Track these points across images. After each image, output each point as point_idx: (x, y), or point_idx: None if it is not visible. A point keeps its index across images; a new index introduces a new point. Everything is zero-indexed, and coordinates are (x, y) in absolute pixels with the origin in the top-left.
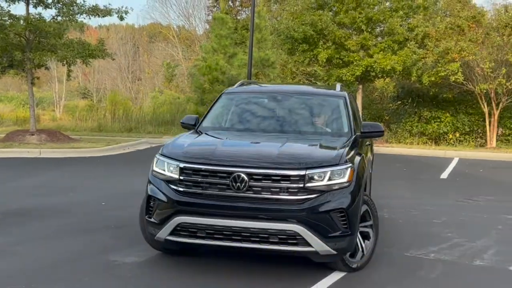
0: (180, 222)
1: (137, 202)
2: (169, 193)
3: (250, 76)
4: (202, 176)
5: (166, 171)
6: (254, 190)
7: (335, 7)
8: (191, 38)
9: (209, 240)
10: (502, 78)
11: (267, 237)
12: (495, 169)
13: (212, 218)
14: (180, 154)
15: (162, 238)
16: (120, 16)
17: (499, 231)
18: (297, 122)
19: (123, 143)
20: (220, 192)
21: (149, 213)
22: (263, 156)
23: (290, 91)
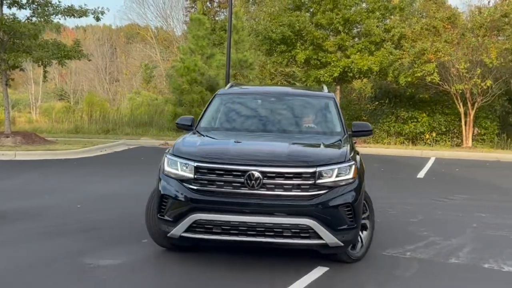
0: (196, 219)
1: (113, 204)
2: (183, 191)
3: (228, 77)
4: (217, 175)
5: (179, 170)
6: (267, 187)
7: (312, 8)
8: (169, 39)
9: (225, 235)
10: (477, 79)
11: (281, 231)
12: (471, 168)
13: (228, 215)
14: (193, 154)
15: (177, 235)
16: (96, 16)
17: (474, 230)
18: (294, 122)
19: (100, 145)
20: (235, 190)
21: (161, 211)
22: (275, 155)
23: (282, 92)
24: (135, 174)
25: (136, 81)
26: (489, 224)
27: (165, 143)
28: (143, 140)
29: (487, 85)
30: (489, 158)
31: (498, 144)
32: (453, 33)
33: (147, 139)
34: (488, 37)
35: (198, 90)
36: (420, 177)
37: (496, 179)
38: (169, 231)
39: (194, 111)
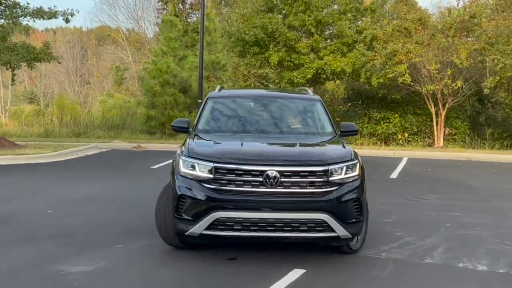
0: (218, 217)
1: (85, 208)
2: (203, 191)
3: (201, 79)
4: (236, 175)
5: (197, 171)
6: (284, 185)
7: (285, 10)
8: (140, 41)
9: (245, 232)
10: (448, 79)
11: (297, 226)
12: (443, 168)
13: (248, 212)
14: (211, 155)
15: (197, 233)
16: (65, 18)
17: (448, 229)
18: (289, 123)
19: (72, 149)
20: (254, 189)
21: (178, 211)
22: (290, 155)
23: (273, 95)
24: (107, 178)
25: (107, 83)
26: (462, 223)
27: (138, 146)
28: (116, 143)
29: (457, 85)
30: (460, 158)
31: (469, 144)
32: (424, 34)
33: (120, 142)
34: (457, 38)
35: (171, 92)
36: (394, 178)
37: (468, 179)
38: (187, 229)
39: (167, 114)
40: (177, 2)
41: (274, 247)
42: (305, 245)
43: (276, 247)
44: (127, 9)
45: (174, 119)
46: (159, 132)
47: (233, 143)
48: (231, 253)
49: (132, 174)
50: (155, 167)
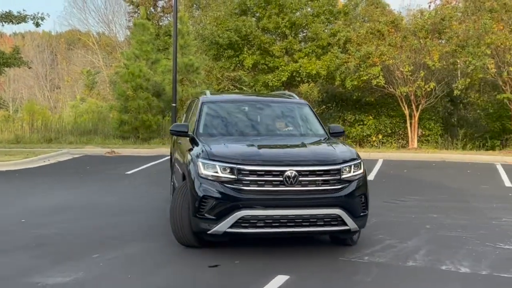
0: (242, 216)
1: (60, 217)
2: (226, 191)
3: (175, 82)
4: (257, 175)
5: (219, 173)
6: (302, 184)
7: (258, 12)
8: (112, 45)
9: (267, 228)
10: (421, 81)
11: (315, 221)
12: (418, 169)
13: (270, 210)
14: (232, 157)
15: (221, 231)
16: (36, 22)
17: (428, 231)
18: (294, 125)
19: (43, 155)
20: (275, 188)
21: (200, 211)
22: (305, 156)
23: (265, 100)
24: (81, 185)
25: (78, 88)
26: (442, 224)
27: (112, 151)
28: (88, 148)
29: (430, 87)
30: (434, 159)
31: (442, 145)
32: (397, 36)
33: (92, 147)
34: (429, 40)
35: (144, 96)
36: (370, 179)
37: (444, 179)
38: (210, 228)
39: (140, 118)
40: (148, 5)
41: (256, 253)
42: (289, 251)
43: (258, 254)
44: (98, 12)
45: (147, 123)
46: (132, 136)
47: (248, 146)
48: (215, 259)
49: (106, 180)
50: (129, 172)
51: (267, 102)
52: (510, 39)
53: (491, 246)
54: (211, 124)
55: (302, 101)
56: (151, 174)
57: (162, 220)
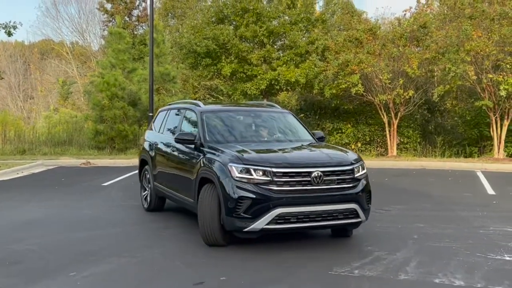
0: (279, 213)
1: (34, 232)
2: (262, 192)
3: (152, 91)
4: (289, 176)
5: (254, 175)
6: (325, 182)
7: (235, 21)
8: (86, 54)
9: (299, 223)
10: (400, 89)
11: (336, 215)
12: (399, 177)
13: (302, 207)
14: (267, 161)
15: (258, 228)
16: (8, 31)
17: (416, 241)
18: (285, 132)
19: (16, 167)
20: (304, 187)
21: (236, 211)
22: (324, 158)
23: (256, 110)
24: (56, 197)
25: (52, 98)
26: (429, 234)
27: (87, 162)
28: (63, 159)
29: (409, 95)
30: (414, 166)
31: (421, 152)
32: (375, 44)
33: (67, 158)
34: (408, 47)
35: (120, 106)
36: None
37: (425, 187)
38: (247, 226)
39: (116, 128)
40: (123, 14)
41: (244, 269)
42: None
43: (245, 269)
44: (71, 21)
45: (124, 133)
46: (108, 147)
47: (270, 151)
48: (199, 276)
49: (82, 192)
50: (105, 184)
51: (258, 111)
52: (489, 46)
53: (482, 257)
54: (216, 132)
55: (286, 110)
56: (128, 185)
57: (140, 233)
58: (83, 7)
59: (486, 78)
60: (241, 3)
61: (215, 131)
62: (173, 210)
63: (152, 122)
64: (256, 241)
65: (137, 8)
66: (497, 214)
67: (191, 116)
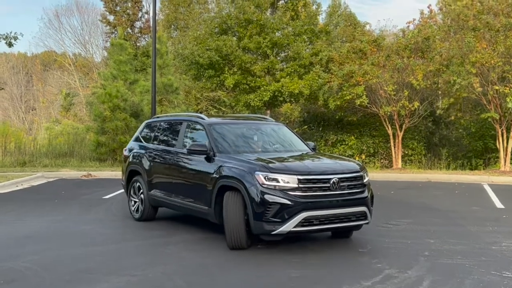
0: (305, 216)
1: (32, 247)
2: (290, 197)
3: (154, 102)
4: (312, 183)
5: (281, 182)
6: (341, 188)
7: (239, 32)
8: (88, 66)
9: (321, 225)
10: (405, 101)
11: (350, 217)
12: (405, 190)
13: (324, 210)
14: (293, 170)
15: (286, 231)
16: (8, 42)
17: (428, 258)
18: (283, 143)
19: (16, 179)
20: (324, 192)
21: (265, 215)
22: (338, 166)
23: (256, 123)
24: (55, 211)
25: (54, 109)
26: (440, 251)
27: (88, 174)
28: (64, 171)
29: (414, 106)
30: (420, 179)
31: (426, 164)
32: (379, 55)
33: (68, 170)
34: (413, 59)
35: (122, 117)
36: None
37: (432, 201)
38: (275, 229)
39: (118, 139)
40: (125, 26)
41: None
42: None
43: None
44: (74, 33)
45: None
46: (110, 159)
47: (291, 160)
48: None
49: (82, 206)
50: (107, 197)
51: (258, 123)
52: (494, 58)
53: (497, 275)
54: (226, 143)
55: (280, 123)
56: None
57: (140, 249)
58: (86, 18)
59: (492, 90)
60: (244, 15)
61: (223, 142)
62: (172, 222)
63: (139, 134)
64: (261, 258)
65: (139, 20)
66: (508, 229)
67: (195, 128)
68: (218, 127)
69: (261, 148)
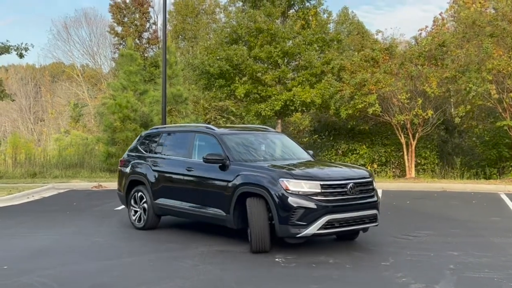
0: (329, 219)
1: (47, 261)
2: (313, 201)
3: (164, 112)
4: (333, 188)
5: (304, 188)
6: (356, 192)
7: (249, 41)
8: (96, 77)
9: (340, 228)
10: (418, 109)
11: (365, 220)
12: (421, 200)
13: (344, 213)
14: (316, 176)
15: (311, 233)
16: (19, 53)
17: (453, 272)
18: (288, 151)
19: (27, 191)
20: (343, 196)
21: (291, 219)
22: (351, 173)
23: (263, 133)
24: (67, 223)
25: (62, 120)
26: (465, 264)
27: (99, 185)
28: (74, 182)
29: (428, 115)
30: (434, 189)
31: (439, 173)
32: (392, 63)
33: (78, 181)
34: (427, 66)
35: (132, 128)
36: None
37: (450, 211)
38: (300, 232)
39: None
40: (133, 37)
41: None
42: None
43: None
44: (82, 44)
45: None
46: None
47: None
48: None
49: (94, 218)
50: (118, 208)
51: (263, 133)
52: (511, 65)
53: None
54: (239, 152)
55: (281, 133)
56: None
57: (156, 263)
58: (94, 30)
59: (508, 98)
60: (255, 24)
61: (236, 151)
62: (185, 234)
63: (137, 145)
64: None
65: (147, 30)
66: None
67: (206, 138)
68: (229, 137)
69: (270, 156)
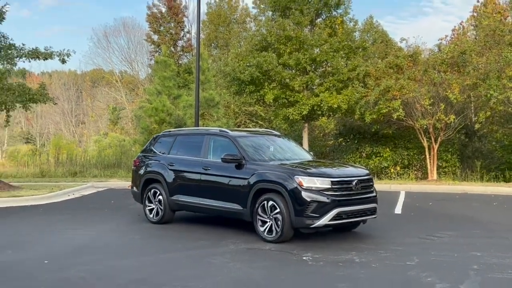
0: (338, 212)
1: (87, 257)
2: (325, 196)
3: (197, 115)
4: (341, 184)
5: (317, 184)
6: (359, 188)
7: (279, 49)
8: (134, 82)
9: (347, 219)
10: (441, 114)
11: (367, 212)
12: (443, 202)
13: (351, 206)
14: (327, 174)
15: (323, 224)
16: (62, 59)
17: (477, 272)
18: (294, 152)
19: (68, 189)
20: (349, 192)
21: (305, 211)
22: (355, 170)
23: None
24: (105, 221)
25: (102, 123)
26: (490, 265)
27: None
28: (112, 182)
29: (450, 120)
30: (456, 191)
31: (460, 176)
32: (415, 70)
33: (116, 180)
34: (450, 73)
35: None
36: (398, 213)
37: (472, 212)
38: (314, 223)
39: None
40: (169, 45)
41: None
42: None
43: None
44: (121, 52)
45: None
46: None
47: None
48: None
49: (131, 216)
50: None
51: (270, 136)
52: None
53: None
54: (252, 152)
55: (285, 136)
56: None
57: (189, 260)
58: (132, 38)
59: None
60: (284, 32)
61: (250, 152)
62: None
63: (151, 146)
64: (307, 271)
65: (181, 39)
66: None
67: (221, 140)
68: (243, 139)
69: (278, 156)
